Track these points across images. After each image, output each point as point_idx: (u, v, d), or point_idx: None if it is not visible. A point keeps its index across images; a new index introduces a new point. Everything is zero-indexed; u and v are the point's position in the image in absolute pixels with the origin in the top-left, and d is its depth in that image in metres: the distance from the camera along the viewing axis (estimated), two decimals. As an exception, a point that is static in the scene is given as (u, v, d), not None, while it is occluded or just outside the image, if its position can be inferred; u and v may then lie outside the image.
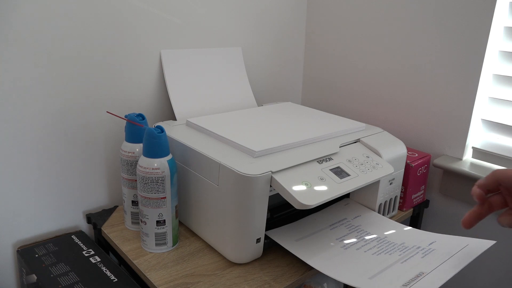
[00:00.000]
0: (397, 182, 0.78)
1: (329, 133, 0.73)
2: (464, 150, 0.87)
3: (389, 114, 0.99)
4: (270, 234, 0.66)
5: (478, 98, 0.84)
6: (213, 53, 0.93)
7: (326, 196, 0.60)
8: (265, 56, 1.05)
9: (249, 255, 0.64)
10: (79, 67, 0.75)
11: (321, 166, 0.65)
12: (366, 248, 0.63)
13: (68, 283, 0.63)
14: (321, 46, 1.10)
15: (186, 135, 0.72)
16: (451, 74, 0.86)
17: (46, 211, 0.77)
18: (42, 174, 0.75)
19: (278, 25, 1.06)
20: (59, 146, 0.76)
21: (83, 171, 0.80)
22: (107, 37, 0.77)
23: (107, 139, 0.81)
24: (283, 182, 0.59)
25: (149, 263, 0.65)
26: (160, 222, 0.65)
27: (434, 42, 0.87)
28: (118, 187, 0.85)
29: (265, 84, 1.08)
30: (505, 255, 0.84)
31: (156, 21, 0.82)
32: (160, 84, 0.86)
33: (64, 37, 0.71)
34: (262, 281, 0.61)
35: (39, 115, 0.72)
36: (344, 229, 0.69)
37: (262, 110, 0.88)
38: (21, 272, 0.72)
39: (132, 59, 0.81)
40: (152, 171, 0.63)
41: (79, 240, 0.76)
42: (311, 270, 0.64)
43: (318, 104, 1.15)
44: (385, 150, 0.73)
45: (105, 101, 0.79)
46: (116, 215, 0.80)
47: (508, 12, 0.80)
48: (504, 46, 0.82)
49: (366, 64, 1.01)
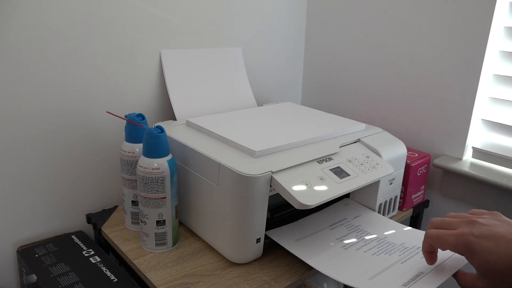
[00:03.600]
0: (397, 182, 0.78)
1: (329, 133, 0.73)
2: (464, 150, 0.87)
3: (389, 114, 0.99)
4: (270, 234, 0.66)
5: (478, 98, 0.84)
6: (213, 53, 0.93)
7: (326, 196, 0.60)
8: (265, 56, 1.05)
9: (249, 255, 0.64)
10: (79, 67, 0.75)
11: (321, 166, 0.65)
12: (366, 249, 0.63)
13: (68, 283, 0.63)
14: (321, 46, 1.10)
15: (186, 135, 0.72)
16: (451, 74, 0.86)
17: (46, 211, 0.77)
18: (42, 174, 0.75)
19: (278, 25, 1.06)
20: (59, 146, 0.76)
21: (83, 171, 0.80)
22: (107, 37, 0.77)
23: (107, 139, 0.81)
24: (283, 182, 0.59)
25: (149, 263, 0.65)
26: (160, 222, 0.65)
27: (434, 42, 0.87)
28: (118, 187, 0.85)
29: (265, 84, 1.08)
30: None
31: (156, 21, 0.82)
32: (160, 84, 0.86)
33: (64, 37, 0.71)
34: (262, 281, 0.61)
35: (39, 115, 0.72)
36: (344, 229, 0.69)
37: (262, 110, 0.88)
38: (21, 272, 0.72)
39: (132, 59, 0.81)
40: (152, 171, 0.63)
41: (79, 240, 0.76)
42: (311, 270, 0.64)
43: (318, 104, 1.15)
44: (385, 150, 0.73)
45: (105, 101, 0.79)
46: (116, 215, 0.80)
47: (508, 12, 0.80)
48: (504, 46, 0.82)
49: (366, 64, 1.01)
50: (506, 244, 0.39)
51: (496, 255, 0.39)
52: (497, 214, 0.45)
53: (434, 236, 0.46)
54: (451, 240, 0.43)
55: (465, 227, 0.43)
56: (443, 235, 0.45)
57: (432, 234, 0.46)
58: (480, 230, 0.41)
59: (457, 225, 0.45)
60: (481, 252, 0.40)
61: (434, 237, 0.46)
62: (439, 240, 0.45)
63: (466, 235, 0.42)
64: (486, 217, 0.44)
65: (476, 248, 0.41)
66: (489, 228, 0.41)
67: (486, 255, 0.40)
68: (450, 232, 0.44)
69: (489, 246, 0.40)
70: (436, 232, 0.46)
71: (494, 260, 0.39)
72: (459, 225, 0.44)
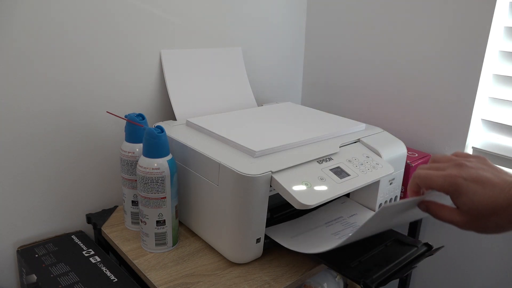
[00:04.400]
0: (397, 182, 0.77)
1: (329, 133, 0.73)
2: (464, 150, 0.87)
3: (389, 114, 0.99)
4: (266, 232, 0.66)
5: (478, 98, 0.84)
6: (213, 53, 0.93)
7: (326, 196, 0.60)
8: (265, 56, 1.05)
9: (249, 255, 0.64)
10: (79, 67, 0.75)
11: (321, 166, 0.65)
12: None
13: (68, 283, 0.63)
14: (321, 46, 1.10)
15: (186, 135, 0.72)
16: (451, 74, 0.86)
17: (46, 211, 0.77)
18: (42, 174, 0.75)
19: (278, 25, 1.06)
20: (59, 146, 0.76)
21: (83, 171, 0.80)
22: (107, 37, 0.77)
23: (107, 139, 0.81)
24: (283, 182, 0.59)
25: (149, 263, 0.65)
26: (160, 222, 0.65)
27: (434, 42, 0.87)
28: (118, 187, 0.85)
29: (265, 84, 1.08)
30: (505, 255, 0.85)
31: (156, 21, 0.82)
32: (160, 84, 0.86)
33: (63, 38, 0.71)
34: (262, 281, 0.61)
35: (39, 115, 0.72)
36: (340, 225, 0.70)
37: (262, 110, 0.88)
38: (21, 272, 0.72)
39: (132, 59, 0.81)
40: (152, 171, 0.63)
41: (79, 240, 0.76)
42: (311, 270, 0.64)
43: (318, 104, 1.15)
44: (385, 150, 0.73)
45: (105, 101, 0.79)
46: (116, 215, 0.80)
47: (508, 12, 0.80)
48: (504, 46, 0.82)
49: (366, 64, 1.01)
50: (492, 187, 0.42)
51: (482, 196, 0.42)
52: (483, 159, 0.47)
53: (422, 176, 0.47)
54: (439, 180, 0.45)
55: (454, 169, 0.45)
56: (431, 175, 0.46)
57: (420, 174, 0.48)
58: (468, 173, 0.44)
59: (445, 167, 0.47)
60: (467, 192, 0.43)
61: (422, 176, 0.47)
62: (426, 179, 0.47)
63: (455, 177, 0.44)
64: (473, 160, 0.47)
65: (463, 189, 0.43)
66: (476, 171, 0.44)
67: (471, 196, 0.43)
68: (438, 173, 0.46)
69: (476, 188, 0.43)
70: (424, 172, 0.48)
71: (478, 201, 0.43)
72: (447, 167, 0.46)
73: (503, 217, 0.42)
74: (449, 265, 0.94)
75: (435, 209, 0.48)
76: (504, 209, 0.41)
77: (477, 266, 0.89)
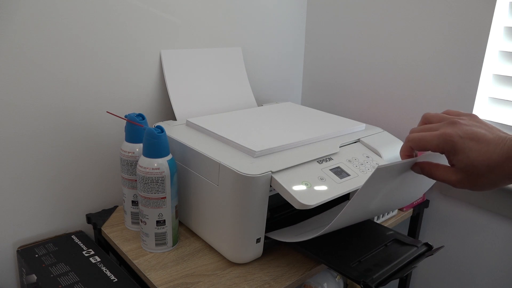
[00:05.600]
0: (397, 182, 0.77)
1: (329, 133, 0.73)
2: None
3: (389, 114, 0.99)
4: (270, 235, 0.66)
5: (478, 98, 0.84)
6: (213, 53, 0.93)
7: (326, 196, 0.60)
8: (265, 56, 1.05)
9: (249, 255, 0.64)
10: (79, 66, 0.75)
11: (321, 166, 0.65)
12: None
13: (68, 283, 0.63)
14: (321, 46, 1.10)
15: (186, 135, 0.72)
16: (451, 74, 0.86)
17: (46, 211, 0.77)
18: (42, 174, 0.75)
19: (278, 25, 1.06)
20: (59, 146, 0.76)
21: (83, 171, 0.80)
22: (107, 37, 0.77)
23: (107, 139, 0.81)
24: (283, 182, 0.59)
25: (149, 263, 0.65)
26: (160, 222, 0.65)
27: (434, 42, 0.87)
28: (118, 187, 0.85)
29: (265, 84, 1.08)
30: (505, 255, 0.85)
31: (156, 21, 0.82)
32: (160, 84, 0.86)
33: (63, 37, 0.71)
34: (262, 281, 0.61)
35: (39, 114, 0.72)
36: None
37: (262, 110, 0.88)
38: (21, 272, 0.72)
39: (132, 59, 0.81)
40: (152, 171, 0.63)
41: (79, 240, 0.76)
42: (311, 270, 0.64)
43: (318, 104, 1.15)
44: (385, 150, 0.73)
45: (105, 101, 0.79)
46: (116, 215, 0.80)
47: (508, 12, 0.80)
48: (504, 46, 0.82)
49: (366, 64, 1.01)
50: (487, 143, 0.43)
51: (477, 152, 0.43)
52: (474, 116, 0.47)
53: (416, 138, 0.47)
54: (434, 140, 0.46)
55: (448, 128, 0.45)
56: (425, 136, 0.47)
57: (414, 137, 0.48)
58: (464, 130, 0.44)
59: (438, 127, 0.47)
60: (463, 149, 0.44)
61: (416, 139, 0.47)
62: (421, 141, 0.47)
63: (450, 135, 0.44)
64: (465, 118, 0.47)
65: (459, 146, 0.44)
66: (471, 128, 0.44)
67: (467, 152, 0.43)
68: (433, 133, 0.46)
69: (471, 144, 0.44)
70: (417, 134, 0.48)
71: (474, 157, 0.43)
72: (440, 127, 0.47)
73: (498, 172, 0.42)
74: (449, 265, 0.94)
75: (430, 169, 0.48)
76: (499, 165, 0.42)
77: (477, 266, 0.89)
